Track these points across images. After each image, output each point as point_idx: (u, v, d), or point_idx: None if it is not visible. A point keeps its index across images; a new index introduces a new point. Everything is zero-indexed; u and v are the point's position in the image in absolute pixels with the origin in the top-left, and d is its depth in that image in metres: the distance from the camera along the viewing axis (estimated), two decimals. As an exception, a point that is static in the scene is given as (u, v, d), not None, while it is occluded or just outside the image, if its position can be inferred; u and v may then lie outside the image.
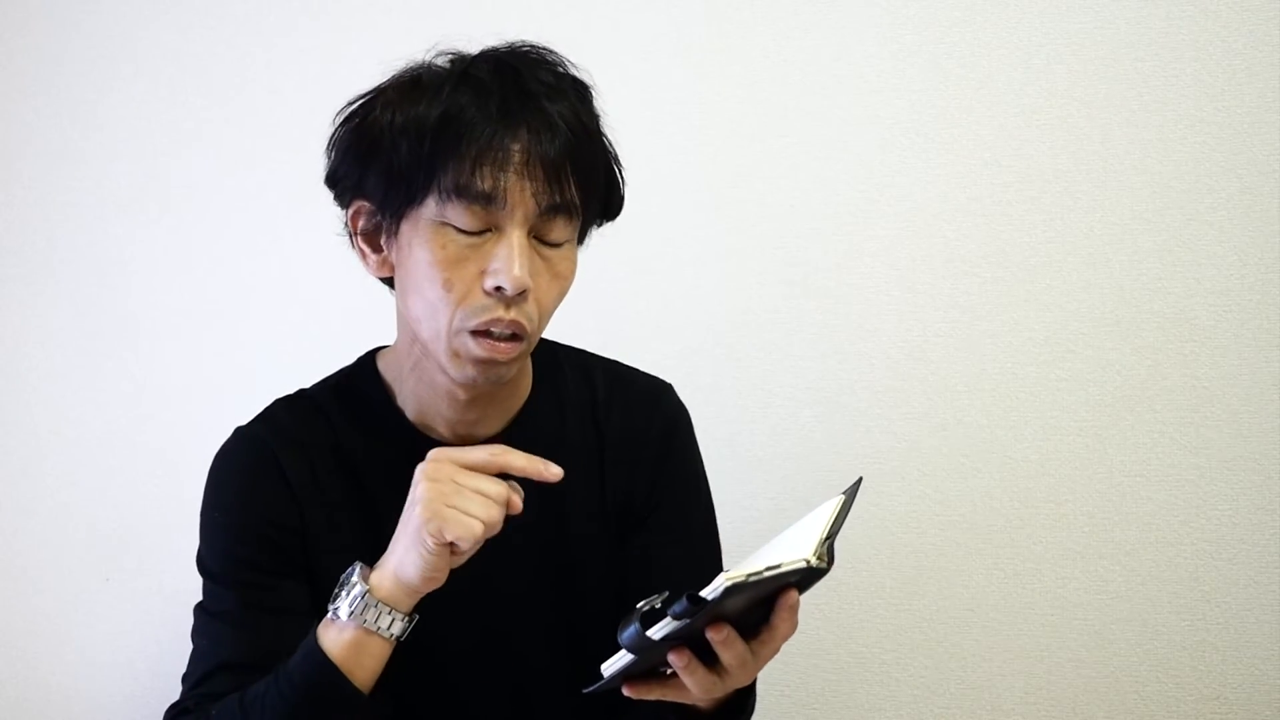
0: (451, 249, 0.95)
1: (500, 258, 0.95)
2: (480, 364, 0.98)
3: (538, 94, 0.97)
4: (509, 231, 0.95)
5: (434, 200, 0.95)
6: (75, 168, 1.56)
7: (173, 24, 1.56)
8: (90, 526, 1.57)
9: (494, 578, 1.07)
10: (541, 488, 1.10)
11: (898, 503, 1.55)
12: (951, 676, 1.57)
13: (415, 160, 0.95)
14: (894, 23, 1.52)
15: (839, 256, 1.54)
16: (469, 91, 0.96)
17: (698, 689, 0.85)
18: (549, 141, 0.95)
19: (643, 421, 1.13)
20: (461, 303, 0.96)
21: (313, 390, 1.12)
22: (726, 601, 0.78)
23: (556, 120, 0.96)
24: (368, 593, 0.94)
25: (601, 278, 1.55)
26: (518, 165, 0.94)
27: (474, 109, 0.95)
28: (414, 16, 1.54)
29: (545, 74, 0.99)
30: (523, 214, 0.95)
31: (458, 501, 0.90)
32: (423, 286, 0.97)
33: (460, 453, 0.93)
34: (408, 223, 0.98)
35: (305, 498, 1.06)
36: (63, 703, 1.58)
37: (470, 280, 0.96)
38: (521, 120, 0.95)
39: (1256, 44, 1.49)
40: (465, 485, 0.91)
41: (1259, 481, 1.53)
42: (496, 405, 1.08)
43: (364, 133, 0.99)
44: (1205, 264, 1.51)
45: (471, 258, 0.96)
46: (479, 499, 0.90)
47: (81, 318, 1.57)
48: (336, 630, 0.95)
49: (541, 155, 0.95)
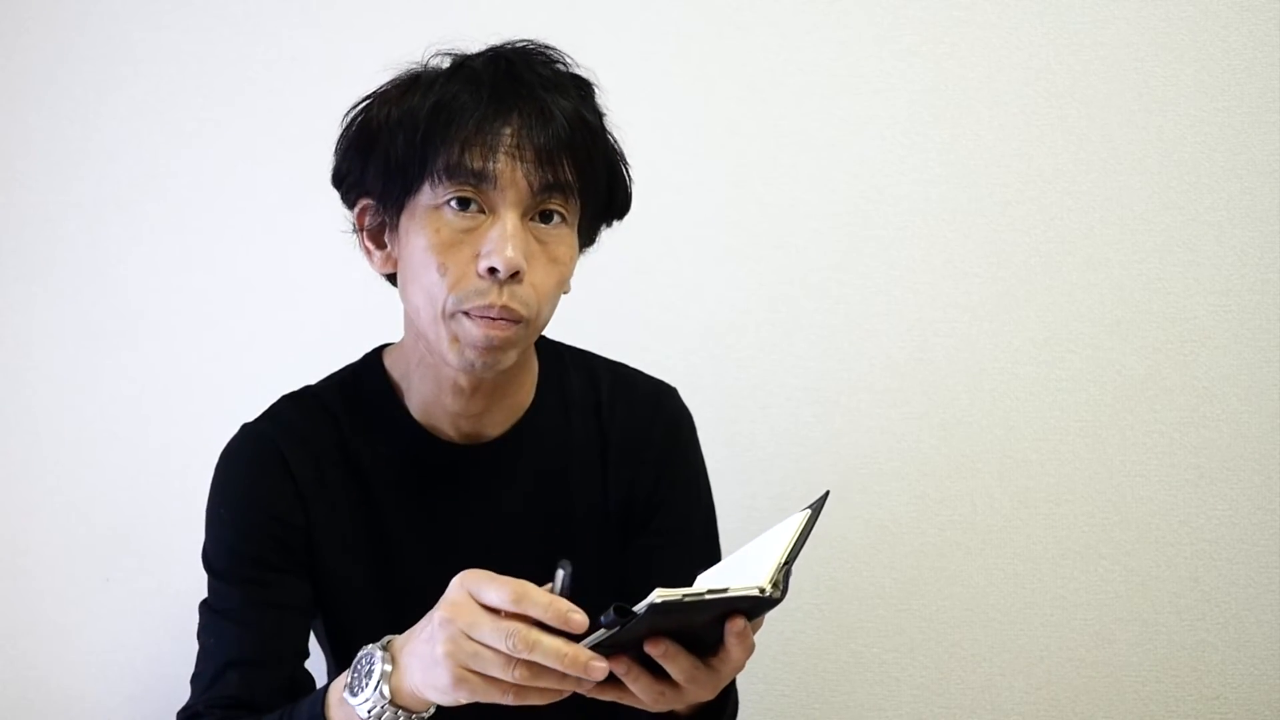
0: (445, 233, 0.96)
1: (493, 239, 0.95)
2: (478, 348, 0.97)
3: (532, 83, 0.97)
4: (502, 213, 0.96)
5: (428, 186, 0.96)
6: (75, 168, 1.56)
7: (173, 24, 1.56)
8: (90, 526, 1.57)
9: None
10: (544, 489, 1.10)
11: (898, 503, 1.55)
12: (951, 676, 1.57)
13: (410, 150, 0.96)
14: (894, 23, 1.52)
15: (839, 256, 1.54)
16: (461, 81, 0.97)
17: (645, 697, 0.84)
18: (540, 127, 0.96)
19: (646, 423, 1.13)
20: (456, 286, 0.96)
21: (318, 387, 1.13)
22: (666, 617, 0.76)
23: (550, 108, 0.97)
24: (389, 702, 0.88)
25: (601, 278, 1.55)
26: (509, 147, 0.95)
27: (465, 95, 0.96)
28: (414, 17, 1.54)
29: (543, 67, 1.00)
30: (515, 195, 0.96)
31: (480, 666, 0.81)
32: (420, 274, 0.98)
33: (480, 587, 0.83)
34: (406, 214, 0.99)
35: (310, 495, 1.06)
36: (63, 703, 1.58)
37: (465, 263, 0.96)
38: (513, 105, 0.96)
39: (1256, 44, 1.49)
40: (486, 643, 0.81)
41: (1259, 481, 1.53)
42: (502, 404, 1.08)
43: (363, 130, 1.01)
44: (1205, 264, 1.51)
45: (466, 241, 0.96)
46: (500, 661, 0.81)
47: (81, 318, 1.57)
48: (345, 716, 0.91)
49: (533, 139, 0.95)
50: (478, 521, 1.08)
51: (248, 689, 1.01)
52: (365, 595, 1.08)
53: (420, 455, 1.07)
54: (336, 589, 1.07)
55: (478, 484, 1.08)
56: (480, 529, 1.08)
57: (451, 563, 1.08)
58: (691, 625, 0.81)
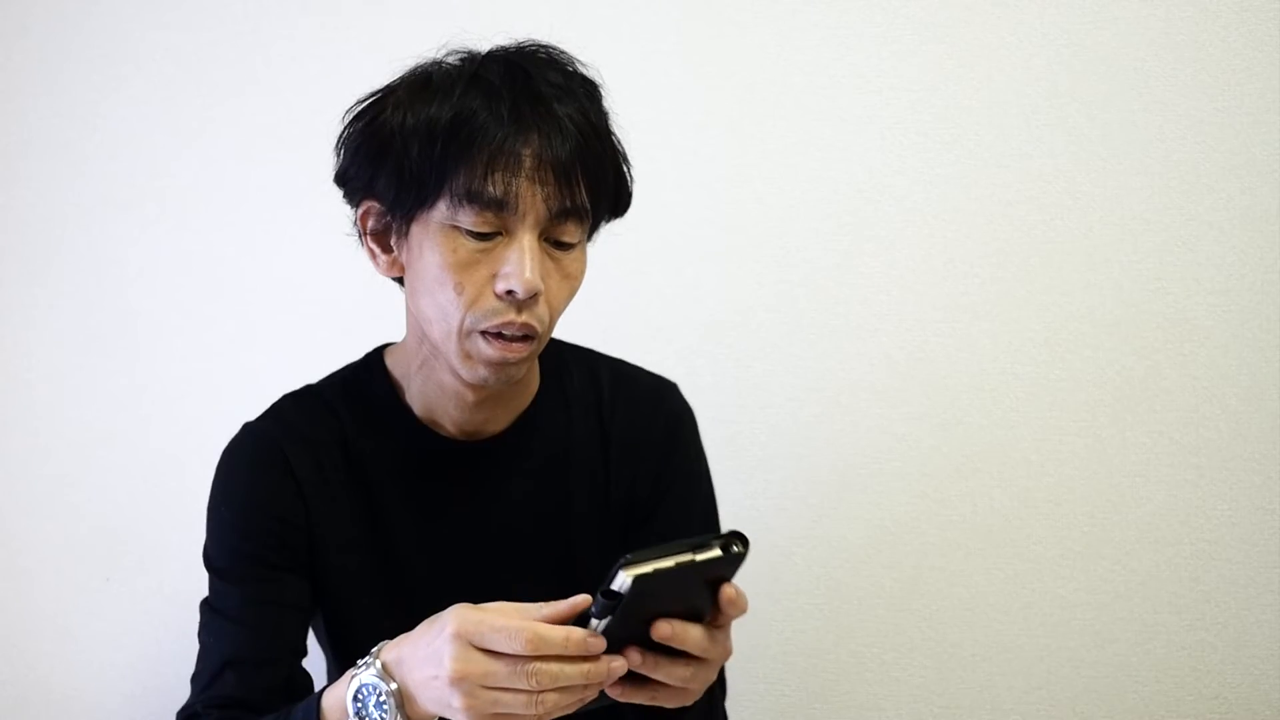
0: (462, 252, 0.96)
1: (512, 261, 0.95)
2: (492, 365, 0.98)
3: (548, 97, 0.96)
4: (520, 235, 0.95)
5: (445, 204, 0.95)
6: (75, 168, 1.57)
7: (173, 24, 1.56)
8: (90, 526, 1.57)
9: (498, 574, 1.07)
10: (545, 485, 1.10)
11: (898, 503, 1.55)
12: (951, 676, 1.57)
13: (427, 163, 0.95)
14: (894, 23, 1.53)
15: (839, 256, 1.54)
16: (479, 94, 0.96)
17: (676, 680, 0.83)
18: (560, 145, 0.95)
19: (647, 419, 1.13)
20: (473, 306, 0.96)
21: (320, 386, 1.13)
22: (651, 584, 0.76)
23: (567, 123, 0.96)
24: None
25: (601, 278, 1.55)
26: (529, 170, 0.94)
27: (485, 112, 0.95)
28: (415, 16, 1.54)
29: (555, 75, 0.99)
30: (534, 218, 0.95)
31: (505, 709, 0.80)
32: (434, 289, 0.97)
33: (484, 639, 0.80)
34: (418, 224, 0.98)
35: (311, 493, 1.07)
36: (63, 703, 1.58)
37: (481, 283, 0.96)
38: (533, 124, 0.95)
39: (1256, 44, 1.49)
40: (506, 688, 0.80)
41: (1259, 481, 1.53)
42: (503, 404, 1.08)
43: (374, 133, 0.99)
44: (1205, 264, 1.51)
45: (482, 261, 0.96)
46: (524, 699, 0.80)
47: (82, 318, 1.57)
48: None
49: (552, 160, 0.95)
50: (479, 518, 1.09)
51: (245, 689, 1.01)
52: (367, 593, 1.08)
53: (422, 452, 1.07)
54: (338, 586, 1.07)
55: (479, 481, 1.09)
56: (482, 526, 1.09)
57: (453, 559, 1.08)
58: (683, 594, 0.81)
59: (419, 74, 1.00)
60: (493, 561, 1.08)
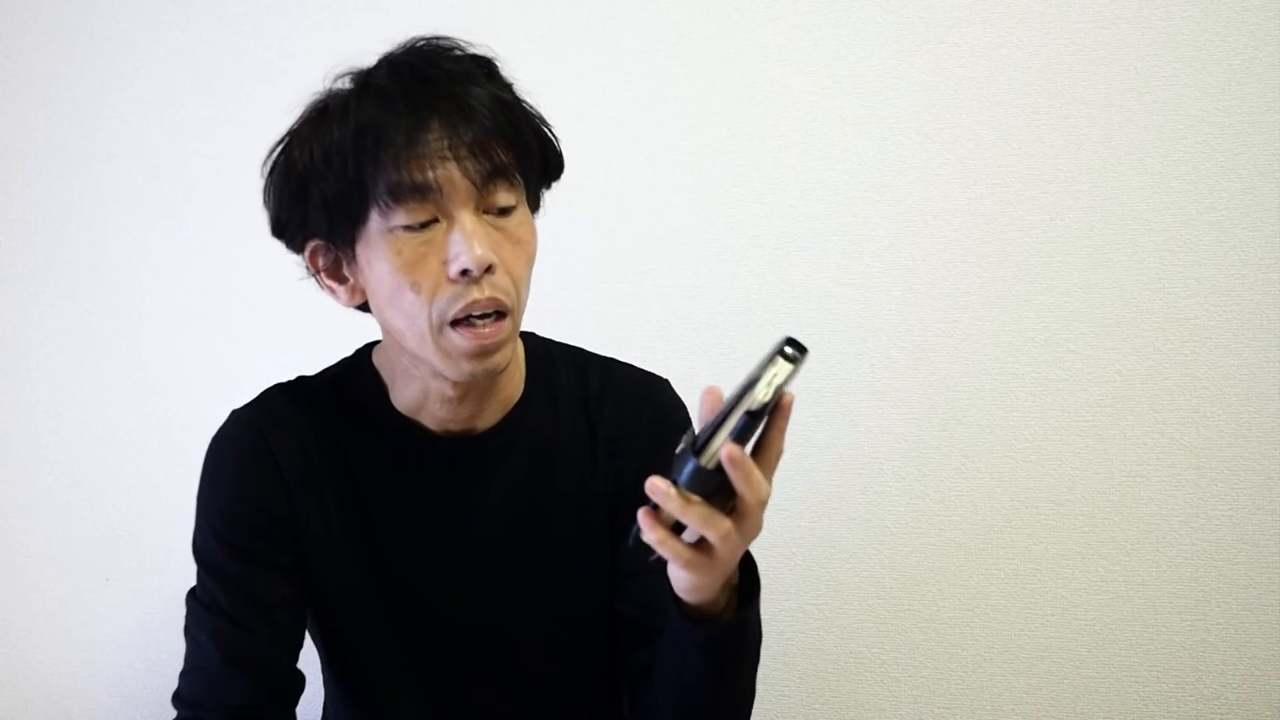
0: (408, 252, 0.96)
1: (456, 243, 0.96)
2: (471, 356, 0.98)
3: (440, 80, 0.97)
4: (456, 214, 0.96)
5: (376, 213, 0.96)
6: (75, 168, 1.57)
7: (173, 23, 1.56)
8: (90, 526, 1.57)
9: (486, 570, 1.08)
10: (531, 481, 1.10)
11: (898, 503, 1.55)
12: (951, 676, 1.57)
13: (345, 182, 0.96)
14: (894, 23, 1.53)
15: (839, 256, 1.54)
16: (374, 101, 0.97)
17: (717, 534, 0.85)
18: (464, 120, 0.96)
19: (634, 415, 1.13)
20: (434, 297, 0.97)
21: (310, 379, 1.13)
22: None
23: (466, 99, 0.97)
24: None
25: (601, 278, 1.55)
26: (441, 150, 0.95)
27: (383, 114, 0.96)
28: (416, 15, 1.54)
29: (444, 61, 1.00)
30: (463, 193, 0.96)
31: None
32: (394, 297, 0.98)
33: None
34: (360, 244, 0.99)
35: (295, 482, 1.07)
36: (63, 703, 1.58)
37: (436, 273, 0.96)
38: (431, 109, 0.96)
39: (1256, 44, 1.49)
40: None
41: (1259, 481, 1.53)
42: (490, 401, 1.08)
43: (290, 174, 1.01)
44: (1205, 264, 1.51)
45: (430, 252, 0.96)
46: None
47: (82, 318, 1.57)
48: None
49: (461, 135, 0.96)
50: (465, 513, 1.09)
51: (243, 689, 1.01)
52: (354, 587, 1.08)
53: (408, 448, 1.08)
54: (325, 580, 1.08)
55: (466, 476, 1.09)
56: (468, 521, 1.09)
57: (439, 554, 1.08)
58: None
59: (315, 107, 1.02)
60: (478, 554, 1.08)
